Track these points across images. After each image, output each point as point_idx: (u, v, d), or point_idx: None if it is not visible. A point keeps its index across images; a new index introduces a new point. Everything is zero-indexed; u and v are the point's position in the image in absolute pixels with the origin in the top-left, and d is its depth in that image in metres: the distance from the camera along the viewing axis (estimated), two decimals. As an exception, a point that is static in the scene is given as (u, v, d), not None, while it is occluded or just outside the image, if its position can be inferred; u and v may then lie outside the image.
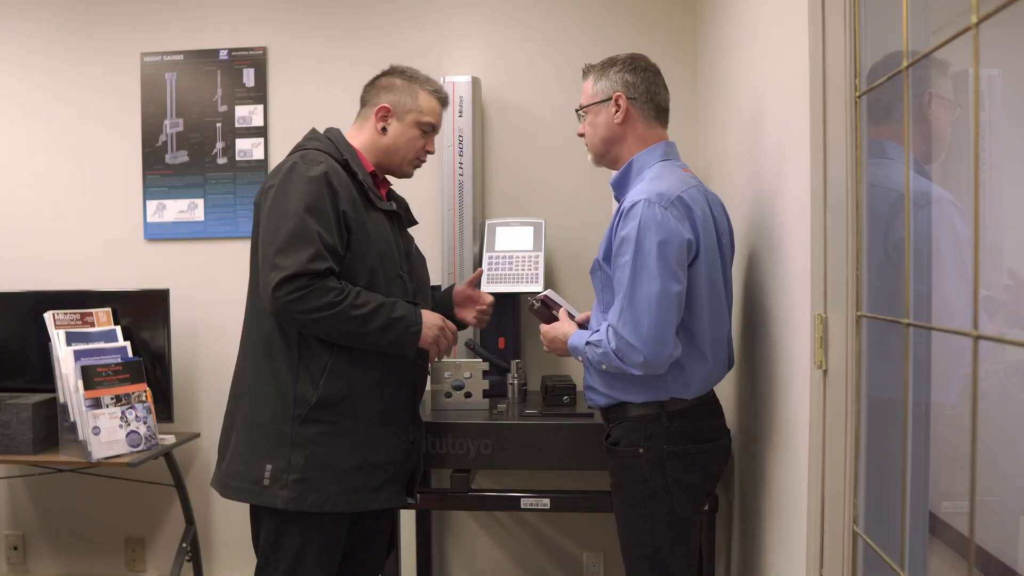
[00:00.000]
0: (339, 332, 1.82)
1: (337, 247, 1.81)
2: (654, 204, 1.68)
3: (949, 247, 1.38)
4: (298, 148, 1.95)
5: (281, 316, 1.81)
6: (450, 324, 1.99)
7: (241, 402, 1.93)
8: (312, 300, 1.75)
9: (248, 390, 1.91)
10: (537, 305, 1.97)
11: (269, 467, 1.84)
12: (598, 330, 1.76)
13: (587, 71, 1.93)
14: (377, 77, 2.06)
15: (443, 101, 2.06)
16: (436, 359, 2.05)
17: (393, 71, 2.05)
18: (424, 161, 2.06)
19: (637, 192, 1.74)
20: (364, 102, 2.04)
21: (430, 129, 2.03)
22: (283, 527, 1.87)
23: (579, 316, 1.98)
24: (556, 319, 1.95)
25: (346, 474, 1.86)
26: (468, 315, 2.19)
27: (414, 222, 2.18)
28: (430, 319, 1.94)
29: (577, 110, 1.93)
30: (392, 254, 1.93)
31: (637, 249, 1.67)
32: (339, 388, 1.85)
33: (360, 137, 2.01)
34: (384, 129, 1.99)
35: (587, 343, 1.77)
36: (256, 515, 1.92)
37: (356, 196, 1.87)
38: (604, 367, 1.75)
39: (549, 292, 2.01)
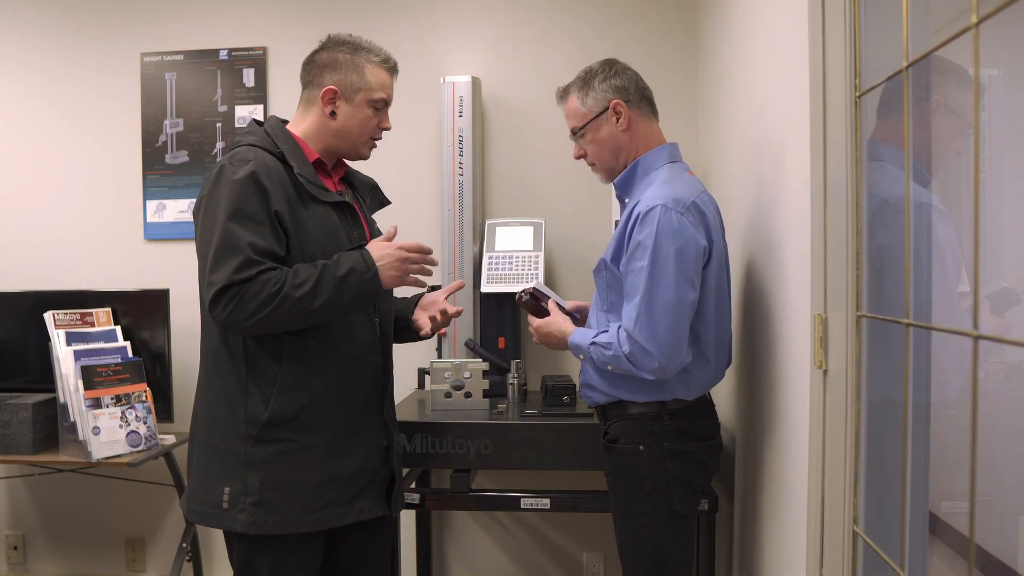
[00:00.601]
0: (294, 319, 1.67)
1: (273, 249, 1.68)
2: (671, 210, 1.68)
3: (924, 251, 1.37)
4: (233, 145, 1.81)
5: (229, 330, 1.71)
6: (408, 242, 1.76)
7: (198, 421, 1.82)
8: (249, 303, 1.63)
9: (202, 409, 1.81)
10: (526, 297, 1.95)
11: (227, 490, 1.73)
12: (605, 331, 1.76)
13: (565, 93, 1.89)
14: (316, 52, 1.86)
15: (392, 71, 1.88)
16: (437, 323, 1.93)
17: (332, 43, 1.85)
18: (380, 138, 1.90)
19: (652, 196, 1.72)
20: (306, 83, 1.85)
21: (383, 105, 1.85)
22: (251, 550, 1.77)
23: (568, 305, 1.97)
24: (544, 310, 1.93)
25: (310, 492, 1.74)
26: (423, 319, 1.97)
27: (383, 203, 2.04)
28: (382, 254, 1.73)
29: (574, 133, 1.88)
30: (340, 248, 1.77)
31: (654, 255, 1.67)
32: (291, 403, 1.73)
33: (305, 123, 1.84)
34: (333, 113, 1.81)
35: (593, 343, 1.76)
36: (227, 536, 1.81)
37: (292, 192, 1.73)
38: (610, 368, 1.75)
39: (538, 284, 1.98)
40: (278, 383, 1.73)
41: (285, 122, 1.88)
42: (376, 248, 1.75)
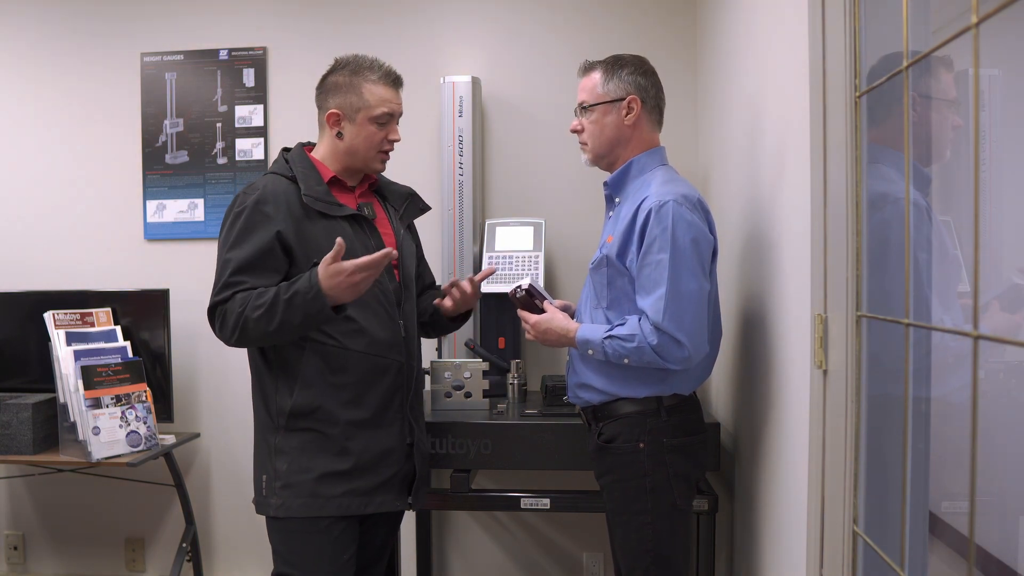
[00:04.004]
0: (266, 337, 1.81)
1: (265, 264, 1.82)
2: (682, 205, 1.72)
3: (898, 246, 1.37)
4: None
5: (227, 345, 1.88)
6: (356, 260, 1.75)
7: (254, 419, 1.98)
8: (227, 323, 1.81)
9: (253, 407, 1.98)
10: (521, 294, 1.94)
11: (264, 477, 1.90)
12: (621, 324, 1.76)
13: (590, 67, 1.90)
14: (323, 77, 1.97)
15: (394, 83, 1.95)
16: (455, 298, 2.00)
17: (336, 67, 1.95)
18: (391, 150, 1.98)
19: (660, 193, 1.75)
20: (318, 107, 1.98)
21: (387, 119, 1.93)
22: (284, 534, 1.89)
23: (557, 303, 1.96)
24: (538, 308, 1.92)
25: (331, 479, 1.86)
26: (447, 299, 2.05)
27: (423, 209, 2.13)
28: (327, 272, 1.74)
29: (583, 107, 1.88)
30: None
31: (674, 247, 1.70)
32: (312, 396, 1.86)
33: (322, 146, 1.98)
34: (339, 134, 1.93)
35: (609, 336, 1.75)
36: (267, 524, 1.93)
37: (299, 211, 1.86)
38: (627, 361, 1.74)
39: (533, 282, 1.97)
40: (300, 379, 1.87)
41: (312, 146, 2.02)
42: (323, 270, 1.75)
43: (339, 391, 1.87)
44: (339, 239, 1.76)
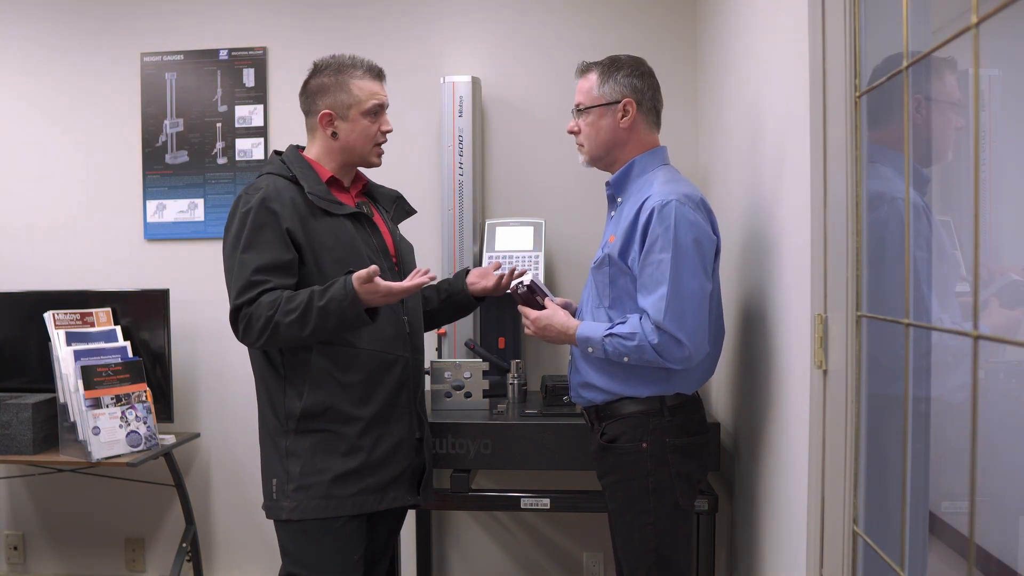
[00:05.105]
0: (293, 340, 1.81)
1: (281, 264, 1.83)
2: (685, 205, 1.72)
3: (897, 245, 1.37)
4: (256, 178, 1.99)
5: (250, 348, 1.89)
6: (393, 285, 1.80)
7: (259, 427, 1.98)
8: (254, 325, 1.80)
9: (259, 415, 1.97)
10: (522, 290, 1.94)
11: (275, 481, 1.90)
12: (622, 322, 1.76)
13: (587, 68, 1.90)
14: (306, 81, 1.99)
15: (377, 76, 1.99)
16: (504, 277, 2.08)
17: (318, 69, 1.98)
18: (384, 142, 2.01)
19: (663, 192, 1.75)
20: (306, 111, 1.99)
21: (378, 110, 1.97)
22: (296, 536, 1.89)
23: (558, 301, 1.96)
24: (539, 305, 1.92)
25: (346, 478, 1.87)
26: (489, 282, 2.13)
27: (409, 212, 2.17)
28: (362, 288, 1.77)
29: (579, 108, 1.89)
30: (357, 257, 1.90)
31: (676, 246, 1.70)
32: (323, 397, 1.87)
33: (315, 147, 1.99)
34: (334, 134, 1.95)
35: (610, 335, 1.75)
36: (276, 527, 1.94)
37: (304, 210, 1.87)
38: (626, 360, 1.75)
39: (535, 278, 1.97)
40: (309, 380, 1.87)
41: (303, 148, 2.02)
42: (359, 284, 1.77)
43: (348, 390, 1.88)
44: (374, 267, 1.79)
